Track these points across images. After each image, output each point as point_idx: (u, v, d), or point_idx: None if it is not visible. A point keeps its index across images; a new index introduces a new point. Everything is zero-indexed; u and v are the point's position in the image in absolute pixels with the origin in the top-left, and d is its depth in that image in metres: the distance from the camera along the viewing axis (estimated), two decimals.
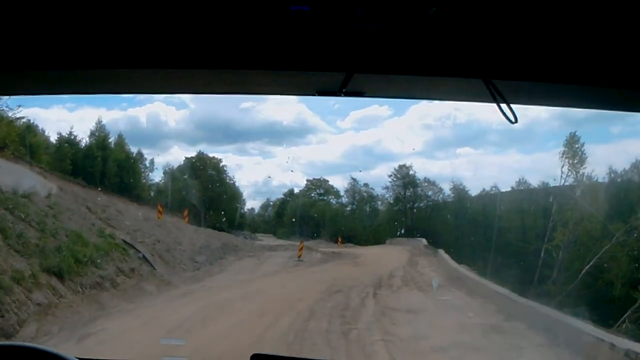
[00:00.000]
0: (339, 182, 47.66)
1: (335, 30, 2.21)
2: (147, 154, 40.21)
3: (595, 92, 2.47)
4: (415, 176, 45.87)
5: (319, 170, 48.27)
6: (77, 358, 2.51)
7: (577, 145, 34.91)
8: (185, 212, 35.41)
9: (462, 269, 28.68)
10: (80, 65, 2.38)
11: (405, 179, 47.43)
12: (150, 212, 32.51)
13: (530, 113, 43.47)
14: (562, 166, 34.45)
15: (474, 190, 42.33)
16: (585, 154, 34.04)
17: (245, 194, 45.55)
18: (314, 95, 2.71)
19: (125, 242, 25.53)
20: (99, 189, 31.88)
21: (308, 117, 46.77)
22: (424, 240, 41.65)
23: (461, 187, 45.09)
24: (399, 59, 2.30)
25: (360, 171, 50.73)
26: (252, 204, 50.78)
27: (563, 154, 34.77)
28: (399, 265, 32.62)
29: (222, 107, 46.20)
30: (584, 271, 29.25)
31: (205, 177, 40.67)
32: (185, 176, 40.26)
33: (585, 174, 34.45)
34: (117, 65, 2.38)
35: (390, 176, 45.47)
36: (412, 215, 47.22)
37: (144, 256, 25.30)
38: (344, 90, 2.53)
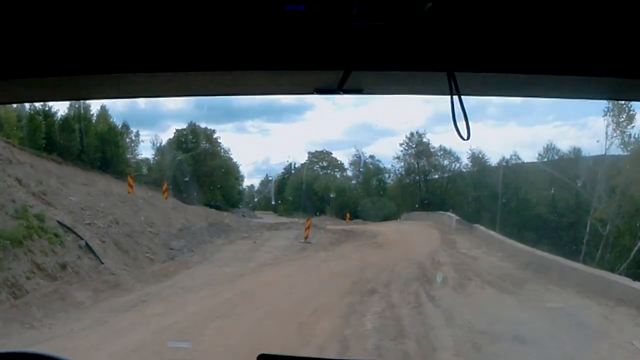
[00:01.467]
0: (340, 158, 41.97)
1: (331, 29, 2.02)
2: (146, 135, 39.69)
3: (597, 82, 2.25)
4: (429, 144, 40.20)
5: (319, 147, 42.14)
6: None
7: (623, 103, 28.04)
8: (164, 186, 28.91)
9: (528, 250, 21.18)
10: (75, 71, 2.16)
11: (418, 147, 41.03)
12: (138, 189, 27.20)
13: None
14: (607, 126, 28.68)
15: (493, 160, 37.76)
16: (633, 109, 27.93)
17: (245, 172, 42.81)
18: (312, 94, 2.50)
19: (61, 224, 15.79)
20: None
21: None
22: (452, 215, 32.53)
23: (480, 155, 38.91)
24: (396, 55, 2.09)
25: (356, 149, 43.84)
26: (251, 181, 44.93)
27: (607, 111, 28.60)
28: (436, 247, 24.92)
29: None
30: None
31: (198, 150, 35.87)
32: (176, 150, 35.07)
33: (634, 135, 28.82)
34: (113, 70, 2.16)
35: (401, 144, 39.83)
36: (427, 187, 41.04)
37: (87, 244, 15.61)
38: (342, 88, 2.31)
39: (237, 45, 2.04)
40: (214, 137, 36.99)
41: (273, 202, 41.01)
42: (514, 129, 40.79)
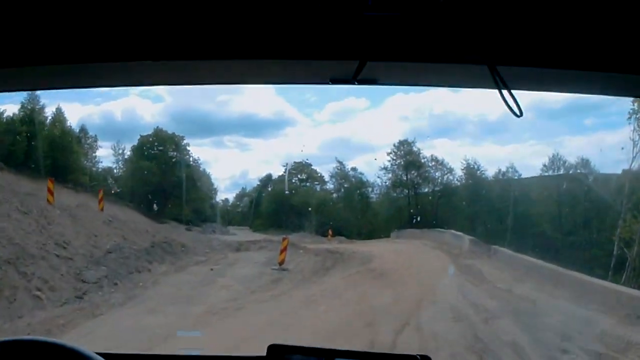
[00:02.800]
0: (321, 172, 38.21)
1: (347, 19, 1.93)
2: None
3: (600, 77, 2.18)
4: (420, 154, 35.41)
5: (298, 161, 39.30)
6: (97, 353, 2.11)
7: None
8: (100, 194, 23.05)
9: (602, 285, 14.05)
10: (77, 59, 2.07)
11: (407, 157, 35.82)
12: (90, 200, 21.66)
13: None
14: (633, 131, 23.30)
15: (489, 173, 34.47)
16: None
17: (222, 187, 41.77)
18: (327, 83, 2.37)
19: None
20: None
21: (286, 109, 39.65)
22: (460, 233, 25.48)
23: (475, 167, 34.66)
24: (411, 46, 2.02)
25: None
26: (228, 196, 41.18)
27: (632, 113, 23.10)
28: (458, 279, 17.84)
29: (199, 100, 37.38)
30: None
31: (164, 158, 31.07)
32: (141, 158, 30.69)
33: None
34: (128, 58, 2.06)
35: (389, 154, 35.29)
36: (417, 202, 35.56)
37: None
38: (357, 78, 2.20)
39: (252, 34, 1.96)
40: (183, 143, 31.93)
41: (249, 217, 37.00)
42: (489, 147, 37.58)
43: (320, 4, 1.83)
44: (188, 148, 32.03)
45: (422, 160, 34.95)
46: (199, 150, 39.62)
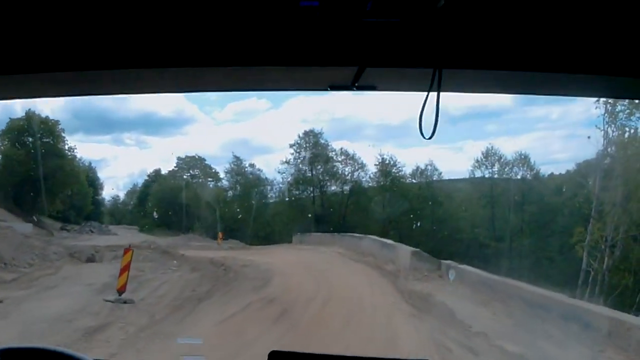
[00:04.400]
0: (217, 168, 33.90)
1: (345, 25, 1.79)
2: None
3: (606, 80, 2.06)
4: (327, 146, 30.42)
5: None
6: None
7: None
8: None
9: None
10: (86, 66, 1.92)
11: (313, 149, 30.40)
12: None
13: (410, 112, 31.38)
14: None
15: (407, 169, 29.77)
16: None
17: (120, 184, 41.54)
18: (326, 90, 2.23)
19: None
20: None
21: (186, 107, 36.73)
22: (394, 244, 17.81)
23: (392, 162, 29.47)
24: (409, 52, 1.88)
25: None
26: (123, 193, 37.19)
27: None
28: (417, 324, 9.61)
29: (99, 97, 37.04)
30: None
31: (36, 146, 26.05)
32: (9, 144, 25.88)
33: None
34: (131, 66, 1.93)
35: (292, 146, 30.21)
36: (324, 201, 30.11)
37: None
38: (356, 84, 2.08)
39: (251, 41, 1.84)
40: (58, 129, 26.89)
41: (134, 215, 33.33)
42: (390, 150, 35.44)
43: (319, 11, 1.67)
44: (63, 135, 27.07)
45: (330, 154, 29.77)
46: (99, 147, 36.57)
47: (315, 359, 2.27)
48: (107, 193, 34.37)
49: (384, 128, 35.70)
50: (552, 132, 34.20)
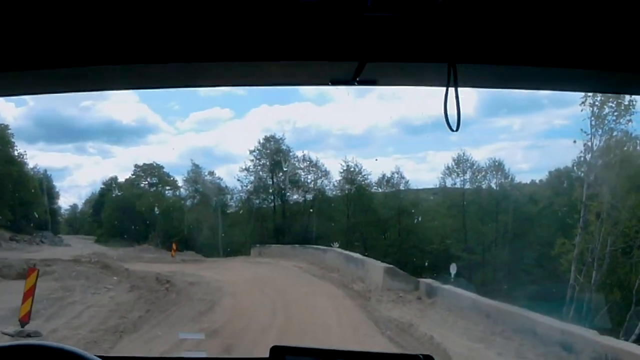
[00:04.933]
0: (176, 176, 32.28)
1: (346, 20, 1.73)
2: None
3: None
4: (289, 152, 28.75)
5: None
6: (99, 357, 1.87)
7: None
8: None
9: None
10: (88, 62, 1.84)
11: (274, 156, 28.39)
12: None
13: (370, 120, 37.10)
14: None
15: (372, 178, 28.08)
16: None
17: (82, 193, 40.41)
18: (327, 84, 2.13)
19: None
20: None
21: (148, 116, 36.96)
22: (364, 258, 15.16)
23: (356, 170, 27.64)
24: (411, 46, 1.81)
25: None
26: (80, 203, 36.06)
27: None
28: None
29: (62, 105, 35.99)
30: None
31: None
32: None
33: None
34: (130, 61, 1.86)
35: (252, 152, 28.27)
36: (285, 210, 28.31)
37: None
38: (357, 79, 1.97)
39: (252, 36, 1.77)
40: (7, 133, 25.79)
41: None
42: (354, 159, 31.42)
43: (320, 5, 1.66)
44: (13, 140, 25.87)
45: (292, 161, 28.15)
46: (61, 156, 36.86)
47: (317, 353, 2.15)
48: (66, 202, 33.73)
49: (346, 138, 34.13)
50: (515, 143, 33.96)
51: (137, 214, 27.68)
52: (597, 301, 14.58)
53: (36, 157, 38.41)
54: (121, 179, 30.84)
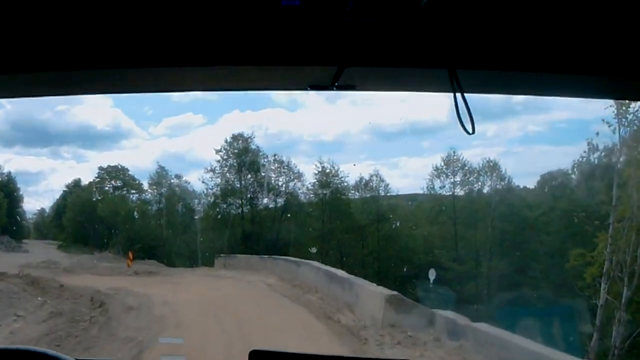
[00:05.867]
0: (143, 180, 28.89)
1: (326, 24, 1.69)
2: None
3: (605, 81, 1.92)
4: (260, 152, 25.37)
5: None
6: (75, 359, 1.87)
7: None
8: None
9: None
10: (72, 66, 1.79)
11: (242, 156, 24.97)
12: None
13: (343, 126, 35.40)
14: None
15: (350, 180, 24.69)
16: None
17: (55, 197, 33.86)
18: (306, 89, 2.07)
19: None
20: None
21: (122, 121, 33.72)
22: (352, 278, 11.03)
23: (332, 171, 24.21)
24: (391, 51, 1.76)
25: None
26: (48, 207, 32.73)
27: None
28: None
29: (38, 109, 31.43)
30: None
31: None
32: None
33: None
34: (108, 65, 1.81)
35: (218, 151, 24.90)
36: (254, 217, 24.75)
37: None
38: (336, 84, 1.93)
39: (232, 40, 1.72)
40: None
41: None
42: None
43: (300, 10, 1.57)
44: None
45: (262, 161, 24.85)
46: (36, 160, 36.30)
47: (296, 358, 2.11)
48: (39, 206, 31.25)
49: (319, 144, 31.47)
50: (489, 149, 33.74)
51: (99, 219, 25.02)
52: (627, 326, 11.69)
53: (12, 160, 36.45)
54: (84, 181, 28.05)
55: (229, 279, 15.60)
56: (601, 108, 13.77)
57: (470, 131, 1.64)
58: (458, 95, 1.68)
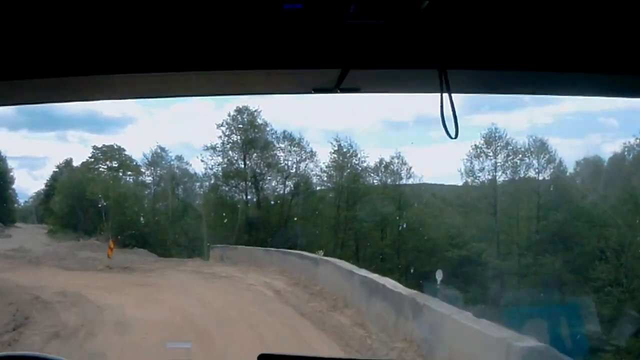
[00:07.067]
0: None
1: (329, 27, 1.59)
2: None
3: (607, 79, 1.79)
4: (267, 126, 21.55)
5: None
6: None
7: None
8: None
9: None
10: (73, 72, 1.66)
11: (247, 132, 21.17)
12: None
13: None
14: None
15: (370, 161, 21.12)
16: None
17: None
18: (310, 92, 1.93)
19: None
20: None
21: (130, 107, 29.57)
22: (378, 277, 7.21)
23: (349, 148, 20.46)
24: (394, 53, 1.64)
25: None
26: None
27: None
28: None
29: None
30: None
31: None
32: None
33: None
34: (110, 71, 1.68)
35: (220, 126, 21.05)
36: (261, 200, 21.30)
37: None
38: (340, 87, 1.80)
39: (234, 45, 1.63)
40: None
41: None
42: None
43: (302, 13, 1.50)
44: None
45: (270, 139, 21.55)
46: (43, 144, 34.23)
47: None
48: (30, 189, 29.66)
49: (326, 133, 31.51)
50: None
51: (90, 203, 22.82)
52: None
53: (19, 144, 34.88)
54: (76, 162, 25.77)
55: (224, 279, 11.61)
56: None
57: (453, 135, 1.53)
58: (445, 96, 1.57)
